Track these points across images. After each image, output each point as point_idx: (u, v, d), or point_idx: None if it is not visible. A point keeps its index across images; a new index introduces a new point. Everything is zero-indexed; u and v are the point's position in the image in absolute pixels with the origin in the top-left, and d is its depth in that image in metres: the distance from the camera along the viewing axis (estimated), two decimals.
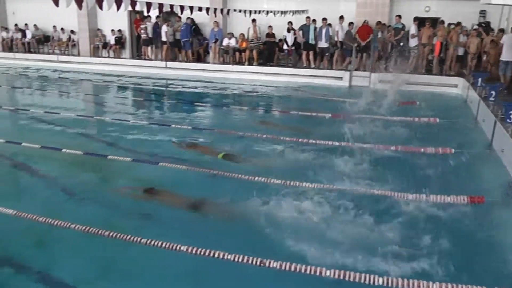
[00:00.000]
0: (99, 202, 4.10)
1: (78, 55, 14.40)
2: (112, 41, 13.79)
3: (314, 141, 5.68)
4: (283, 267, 2.87)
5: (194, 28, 12.59)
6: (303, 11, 11.73)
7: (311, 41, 11.46)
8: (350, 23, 11.21)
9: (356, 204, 3.74)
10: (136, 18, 13.35)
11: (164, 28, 12.41)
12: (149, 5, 7.23)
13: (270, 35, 11.89)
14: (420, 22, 10.85)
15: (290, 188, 4.08)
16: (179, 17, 12.49)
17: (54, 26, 14.66)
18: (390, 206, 3.84)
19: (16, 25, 15.33)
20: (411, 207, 3.83)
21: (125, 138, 6.27)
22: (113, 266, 3.16)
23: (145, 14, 11.59)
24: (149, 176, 4.67)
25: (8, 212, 3.67)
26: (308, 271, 2.83)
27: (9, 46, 15.29)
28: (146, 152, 5.53)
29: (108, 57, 13.91)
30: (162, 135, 6.43)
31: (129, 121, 7.29)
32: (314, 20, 11.43)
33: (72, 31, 14.53)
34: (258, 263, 2.92)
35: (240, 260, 2.95)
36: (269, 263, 2.91)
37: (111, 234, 3.32)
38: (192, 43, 12.56)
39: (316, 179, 4.29)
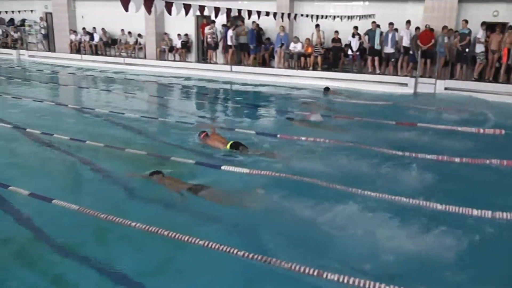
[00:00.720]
0: (160, 202, 4.58)
1: (144, 58, 16.74)
2: (179, 45, 15.99)
3: (376, 149, 6.13)
4: (341, 280, 3.02)
5: (258, 33, 14.47)
6: (369, 16, 13.17)
7: (377, 47, 12.83)
8: (417, 28, 12.40)
9: (415, 218, 3.94)
10: (203, 23, 15.45)
11: (230, 33, 14.37)
12: (217, 10, 8.56)
13: (336, 40, 13.46)
14: (488, 27, 11.77)
15: (351, 195, 4.45)
16: (243, 22, 14.42)
17: (122, 30, 17.13)
18: (451, 222, 3.93)
19: (84, 28, 18.06)
20: (475, 223, 3.92)
21: (188, 140, 6.86)
22: (170, 265, 3.51)
23: (212, 18, 13.64)
24: (211, 178, 5.10)
25: (72, 207, 4.26)
26: (366, 286, 2.97)
27: (77, 49, 18.04)
28: (209, 154, 6.11)
29: (174, 60, 16.13)
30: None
31: (193, 123, 8.06)
32: (378, 25, 12.78)
33: (139, 35, 16.94)
34: (315, 273, 3.09)
35: (296, 269, 3.15)
36: (327, 275, 3.07)
37: (170, 234, 3.71)
38: (258, 48, 14.43)
39: (376, 188, 4.60)
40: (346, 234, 3.66)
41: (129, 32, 17.04)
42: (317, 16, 11.57)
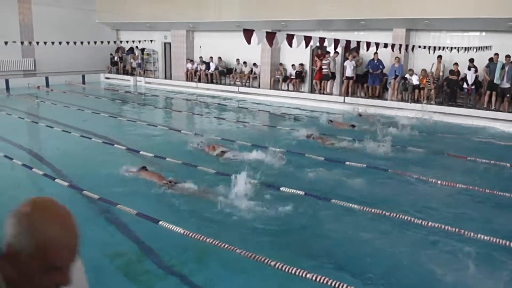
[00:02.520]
0: (264, 231, 6.18)
1: (258, 87, 22.51)
2: (293, 75, 21.39)
3: (489, 191, 7.65)
4: None
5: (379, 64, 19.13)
6: (486, 47, 16.87)
7: (496, 81, 16.38)
8: None
9: None
10: (317, 53, 20.65)
11: (348, 63, 19.27)
12: (336, 42, 11.80)
13: (454, 72, 17.43)
14: None
15: (447, 234, 5.99)
16: (357, 52, 19.21)
17: (237, 59, 23.21)
18: None
19: (200, 57, 24.61)
20: None
21: (296, 171, 8.99)
22: None
23: (329, 49, 18.62)
24: (321, 212, 6.92)
25: (178, 230, 5.85)
26: None
27: (193, 77, 24.54)
28: (316, 187, 7.94)
29: (288, 90, 21.52)
30: (335, 171, 8.97)
31: (304, 154, 10.23)
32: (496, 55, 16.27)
33: (254, 64, 22.82)
34: None
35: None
36: None
37: (272, 263, 4.94)
38: (378, 79, 18.97)
39: (491, 232, 5.90)
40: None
41: (245, 62, 22.97)
42: (434, 48, 15.87)
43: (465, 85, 17.23)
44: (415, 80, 18.09)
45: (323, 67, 20.14)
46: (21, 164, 9.40)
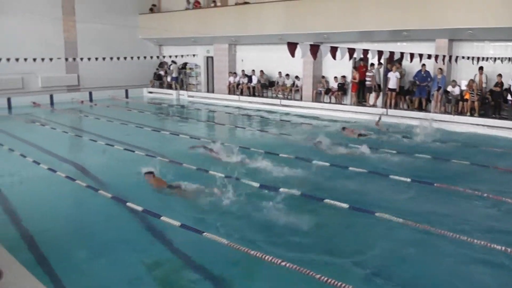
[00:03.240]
0: (309, 244, 6.70)
1: (301, 100, 23.92)
2: (335, 87, 23.25)
3: None
4: None
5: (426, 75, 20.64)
6: None
7: None
8: None
9: None
10: (360, 65, 22.45)
11: (392, 75, 20.90)
12: (380, 54, 12.48)
13: (498, 84, 18.28)
14: None
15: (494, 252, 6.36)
16: (400, 64, 20.84)
17: (279, 72, 24.72)
18: None
19: (243, 70, 26.52)
20: None
21: (343, 184, 9.60)
22: None
23: (372, 61, 20.36)
24: (361, 224, 7.50)
25: (222, 241, 6.47)
26: None
27: (235, 90, 26.71)
28: (364, 200, 8.53)
29: (330, 102, 23.23)
30: (379, 183, 9.78)
31: (347, 167, 10.96)
32: None
33: (296, 77, 24.23)
34: None
35: None
36: None
37: (317, 275, 5.40)
38: (423, 90, 20.02)
39: None
40: None
41: (287, 75, 24.43)
42: (478, 58, 16.92)
43: (509, 97, 17.97)
44: (458, 91, 19.03)
45: (367, 79, 21.37)
46: (64, 176, 10.41)
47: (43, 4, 25.82)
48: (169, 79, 29.79)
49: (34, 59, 23.42)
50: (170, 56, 29.72)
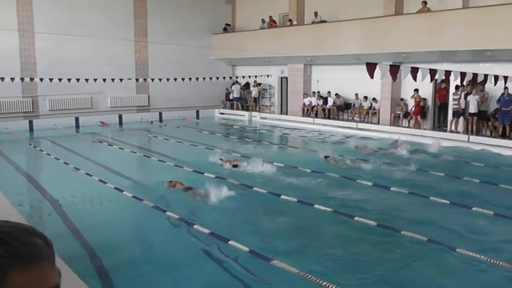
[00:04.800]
0: (379, 276, 7.13)
1: (378, 123, 25.12)
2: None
3: None
4: None
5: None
6: None
7: None
8: None
9: None
10: (440, 87, 23.66)
11: (471, 98, 21.79)
12: (463, 76, 13.10)
13: None
14: None
15: None
16: (483, 87, 21.73)
17: (356, 94, 26.10)
18: None
19: (318, 92, 28.30)
20: None
21: (419, 215, 10.15)
22: None
23: (456, 83, 21.40)
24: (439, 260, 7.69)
25: (291, 269, 6.92)
26: None
27: (309, 112, 28.57)
28: (446, 235, 8.74)
29: (408, 126, 24.42)
30: (460, 217, 10.08)
31: (428, 197, 11.24)
32: None
33: (374, 99, 25.53)
34: None
35: None
36: None
37: None
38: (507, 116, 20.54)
39: None
40: None
41: (365, 97, 25.80)
42: None
43: None
44: None
45: (453, 102, 22.27)
46: (131, 196, 11.32)
47: (115, 26, 28.75)
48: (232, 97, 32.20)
49: (104, 80, 25.77)
50: (243, 77, 31.94)
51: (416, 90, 23.67)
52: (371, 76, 10.59)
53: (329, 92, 27.89)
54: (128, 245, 8.62)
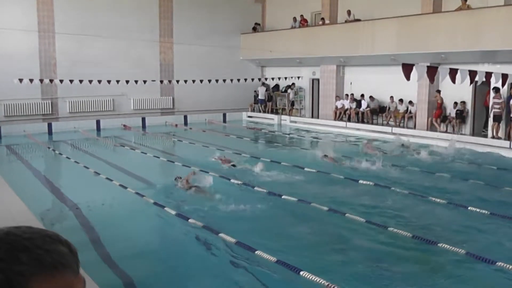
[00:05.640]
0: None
1: (414, 128, 25.14)
2: (453, 114, 24.63)
3: None
4: None
5: None
6: None
7: None
8: None
9: None
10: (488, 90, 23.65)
11: None
12: (504, 78, 13.17)
13: None
14: None
15: None
16: None
17: (391, 97, 26.14)
18: None
19: (351, 94, 28.38)
20: None
21: (459, 226, 10.29)
22: None
23: (497, 86, 21.49)
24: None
25: (321, 281, 7.07)
26: None
27: (342, 116, 28.64)
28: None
29: (446, 132, 24.25)
30: (501, 229, 10.17)
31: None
32: None
33: (410, 102, 25.46)
34: None
35: None
36: None
37: None
38: None
39: None
40: None
41: (401, 100, 25.83)
42: None
43: None
44: None
45: (495, 106, 22.11)
46: (152, 202, 11.69)
47: (139, 26, 29.50)
48: (282, 104, 32.60)
49: (127, 81, 26.19)
50: (272, 79, 32.30)
51: (438, 92, 23.98)
52: (408, 78, 10.67)
53: (362, 94, 28.10)
54: (151, 255, 8.92)
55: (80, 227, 10.06)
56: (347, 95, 28.98)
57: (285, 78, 31.76)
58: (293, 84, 32.15)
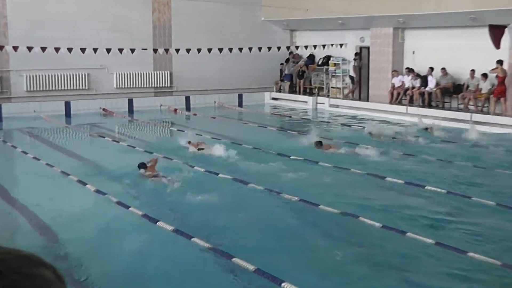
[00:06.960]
0: None
1: (504, 113, 22.24)
2: None
3: None
4: None
5: None
6: None
7: None
8: None
9: None
10: None
11: None
12: None
13: None
14: None
15: None
16: None
17: (472, 71, 23.17)
18: None
19: (412, 69, 25.09)
20: None
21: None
22: None
23: None
24: None
25: None
26: None
27: (401, 98, 25.04)
28: None
29: None
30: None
31: None
32: None
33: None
34: None
35: None
36: None
37: None
38: None
39: None
40: None
41: (484, 75, 22.72)
42: None
43: None
44: None
45: None
46: (141, 214, 10.81)
47: None
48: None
49: (108, 50, 23.70)
50: (306, 47, 29.15)
51: (500, 62, 20.93)
52: (497, 45, 10.29)
53: (430, 68, 25.06)
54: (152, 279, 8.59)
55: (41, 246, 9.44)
56: (408, 69, 26.03)
57: (323, 46, 28.39)
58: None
